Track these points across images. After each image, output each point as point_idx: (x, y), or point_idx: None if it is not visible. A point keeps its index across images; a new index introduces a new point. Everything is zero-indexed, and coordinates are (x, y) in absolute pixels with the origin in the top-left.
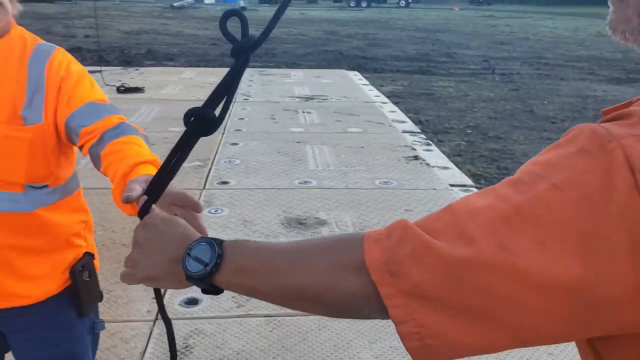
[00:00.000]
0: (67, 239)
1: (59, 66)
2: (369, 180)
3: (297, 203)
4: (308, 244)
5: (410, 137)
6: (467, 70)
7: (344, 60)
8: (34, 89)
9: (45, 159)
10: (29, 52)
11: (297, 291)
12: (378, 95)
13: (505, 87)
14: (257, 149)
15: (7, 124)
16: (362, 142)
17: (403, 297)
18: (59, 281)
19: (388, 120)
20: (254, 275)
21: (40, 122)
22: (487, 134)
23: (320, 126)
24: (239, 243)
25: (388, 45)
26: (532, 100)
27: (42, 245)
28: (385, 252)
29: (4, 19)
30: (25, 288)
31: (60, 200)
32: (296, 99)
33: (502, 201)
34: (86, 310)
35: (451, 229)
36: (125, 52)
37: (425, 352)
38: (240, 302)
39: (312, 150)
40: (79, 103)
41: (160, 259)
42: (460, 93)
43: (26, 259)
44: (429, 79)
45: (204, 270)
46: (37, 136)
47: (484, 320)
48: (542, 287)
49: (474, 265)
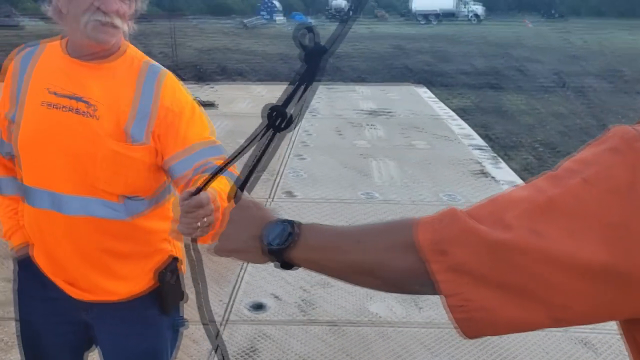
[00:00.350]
0: (156, 245)
1: (171, 95)
2: (435, 195)
3: (362, 216)
4: (368, 227)
5: (477, 152)
6: (538, 85)
7: (411, 75)
8: (143, 109)
9: (145, 176)
10: (140, 72)
11: (356, 266)
12: (445, 110)
13: (577, 102)
14: (323, 162)
15: (115, 139)
16: (429, 157)
17: (450, 273)
18: (146, 282)
19: (455, 135)
20: (321, 252)
21: (147, 144)
22: (557, 149)
23: (386, 140)
24: (310, 225)
25: (457, 60)
26: (606, 116)
27: (133, 249)
28: (435, 233)
29: (120, 40)
30: (115, 286)
31: (153, 210)
32: (362, 114)
33: (539, 193)
34: (168, 310)
35: (493, 216)
36: (199, 69)
37: (469, 324)
38: (305, 309)
39: (377, 164)
40: (183, 145)
41: (246, 235)
42: (530, 108)
43: (118, 261)
44: (498, 94)
45: (279, 246)
46: (143, 156)
47: (520, 296)
48: (570, 270)
49: (510, 247)
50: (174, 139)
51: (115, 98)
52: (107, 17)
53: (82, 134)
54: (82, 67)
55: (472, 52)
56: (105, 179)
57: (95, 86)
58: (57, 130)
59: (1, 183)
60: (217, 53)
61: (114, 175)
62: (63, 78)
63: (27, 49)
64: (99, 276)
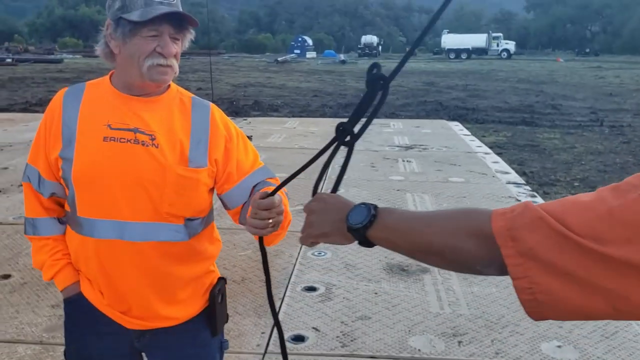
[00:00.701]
0: (207, 266)
1: (221, 122)
2: None
3: None
4: (441, 212)
5: (515, 189)
6: (574, 122)
7: (443, 111)
8: (198, 136)
9: (204, 197)
10: (190, 104)
11: (427, 247)
12: (480, 145)
13: (615, 140)
14: (358, 195)
15: (179, 164)
16: (465, 192)
17: (520, 257)
18: (200, 305)
19: (491, 170)
20: (396, 232)
21: (206, 166)
22: (596, 187)
23: (421, 175)
24: (388, 209)
25: (489, 97)
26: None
27: (191, 271)
28: (508, 222)
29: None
30: (173, 311)
31: (204, 230)
32: (396, 148)
33: (602, 202)
34: (218, 331)
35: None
36: (234, 104)
37: (535, 305)
38: (345, 342)
39: (412, 199)
40: (239, 168)
41: (330, 219)
42: (566, 145)
43: (179, 284)
44: (533, 131)
45: (361, 224)
46: (204, 178)
47: (583, 286)
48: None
49: (572, 245)
50: (229, 162)
51: (171, 127)
52: (167, 60)
53: (146, 162)
54: (135, 101)
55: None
56: (170, 203)
57: (150, 118)
58: (119, 162)
59: (39, 224)
60: (250, 88)
61: (178, 198)
62: (119, 113)
63: (70, 89)
64: (159, 302)
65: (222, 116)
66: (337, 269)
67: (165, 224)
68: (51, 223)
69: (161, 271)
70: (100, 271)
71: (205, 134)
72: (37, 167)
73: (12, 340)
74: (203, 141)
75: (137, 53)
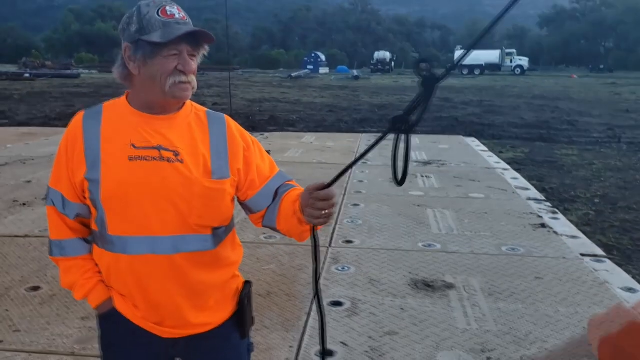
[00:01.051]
0: (233, 271)
1: (237, 133)
2: (495, 247)
3: (423, 265)
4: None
5: (535, 205)
6: (591, 139)
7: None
8: (217, 148)
9: (229, 206)
10: (205, 118)
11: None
12: (498, 161)
13: (634, 157)
14: (378, 210)
15: (204, 177)
16: (486, 208)
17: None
18: (229, 308)
19: (511, 187)
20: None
21: (228, 177)
22: (617, 204)
23: (441, 190)
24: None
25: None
26: None
27: (220, 278)
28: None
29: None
30: (205, 317)
31: (228, 236)
32: (414, 163)
33: None
34: (247, 333)
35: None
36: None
37: None
38: (374, 357)
39: (434, 214)
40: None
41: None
42: (584, 162)
43: (211, 291)
44: (551, 147)
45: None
46: (229, 188)
47: None
48: None
49: None
50: (250, 169)
51: (192, 142)
52: (187, 77)
53: (173, 177)
54: (155, 119)
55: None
56: (199, 215)
57: (171, 135)
58: (147, 180)
59: (66, 245)
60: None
61: (206, 209)
62: (141, 132)
63: (87, 112)
64: (191, 309)
65: (237, 126)
66: (361, 284)
67: (194, 235)
68: (78, 243)
69: (192, 280)
70: (136, 286)
71: (224, 145)
72: (60, 189)
73: (45, 352)
74: (223, 152)
75: (159, 72)
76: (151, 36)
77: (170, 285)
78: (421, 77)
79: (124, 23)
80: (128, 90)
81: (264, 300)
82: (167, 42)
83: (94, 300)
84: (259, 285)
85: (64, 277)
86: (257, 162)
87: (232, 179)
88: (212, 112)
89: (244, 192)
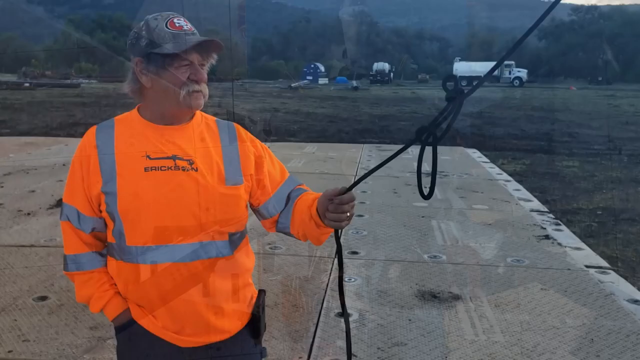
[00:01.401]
0: (247, 277)
1: (247, 139)
2: (500, 258)
3: (429, 276)
4: None
5: (538, 216)
6: (592, 150)
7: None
8: (229, 155)
9: (244, 211)
10: (216, 126)
11: None
12: (500, 173)
13: (635, 169)
14: (383, 221)
15: (219, 183)
16: (490, 219)
17: None
18: (245, 316)
19: (514, 198)
20: None
21: (242, 183)
22: (619, 216)
23: (444, 202)
24: None
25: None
26: None
27: (237, 285)
28: None
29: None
30: (223, 324)
31: (242, 242)
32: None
33: None
34: (261, 340)
35: None
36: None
37: None
38: None
39: (438, 225)
40: (273, 179)
41: None
42: (586, 173)
43: (226, 297)
44: (552, 158)
45: None
46: (244, 194)
47: None
48: None
49: None
50: (262, 175)
51: (205, 150)
52: (199, 86)
53: (190, 186)
54: (168, 130)
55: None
56: (216, 221)
57: (184, 144)
58: (164, 189)
59: (82, 260)
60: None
61: (223, 215)
62: (155, 143)
63: (100, 127)
64: (210, 316)
65: (247, 133)
66: (368, 295)
67: (212, 241)
68: (94, 257)
69: (212, 287)
70: (156, 295)
71: (235, 152)
72: (75, 204)
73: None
74: (235, 159)
75: (172, 83)
76: (162, 49)
77: (190, 292)
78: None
79: (132, 38)
80: (139, 104)
81: (271, 311)
82: (179, 53)
83: (111, 313)
84: (267, 297)
85: (80, 291)
86: (269, 168)
87: (246, 185)
88: (221, 121)
89: (256, 198)
